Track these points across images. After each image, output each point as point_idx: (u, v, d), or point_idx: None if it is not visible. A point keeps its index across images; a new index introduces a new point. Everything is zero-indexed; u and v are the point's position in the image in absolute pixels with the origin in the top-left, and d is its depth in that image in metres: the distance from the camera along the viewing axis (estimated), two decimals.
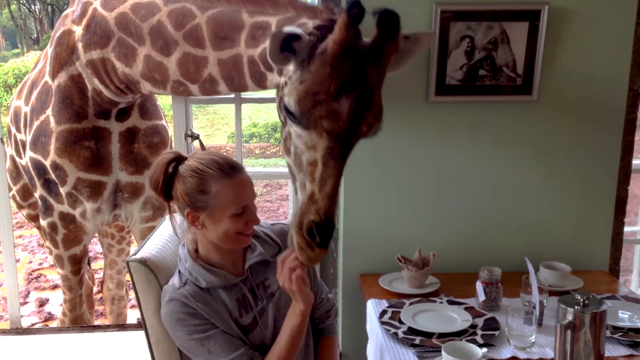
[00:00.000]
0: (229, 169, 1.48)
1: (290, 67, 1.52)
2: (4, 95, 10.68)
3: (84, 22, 2.16)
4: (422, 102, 2.20)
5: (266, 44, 1.68)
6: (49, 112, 2.34)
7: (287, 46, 1.46)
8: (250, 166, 7.99)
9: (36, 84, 2.49)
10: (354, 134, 1.48)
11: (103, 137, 2.35)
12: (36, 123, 2.40)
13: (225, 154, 1.61)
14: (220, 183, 1.47)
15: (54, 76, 2.29)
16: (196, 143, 2.46)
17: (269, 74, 1.78)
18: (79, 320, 2.75)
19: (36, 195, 2.55)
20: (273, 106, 1.72)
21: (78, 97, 2.27)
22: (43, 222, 2.54)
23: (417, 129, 2.24)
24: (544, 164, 2.28)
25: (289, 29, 1.48)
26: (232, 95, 2.41)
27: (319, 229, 1.46)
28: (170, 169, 1.51)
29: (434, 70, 2.16)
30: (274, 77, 1.74)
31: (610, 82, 2.22)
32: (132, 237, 3.17)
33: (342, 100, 1.44)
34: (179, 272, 1.58)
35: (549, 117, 2.24)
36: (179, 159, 1.52)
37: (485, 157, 2.27)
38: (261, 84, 1.83)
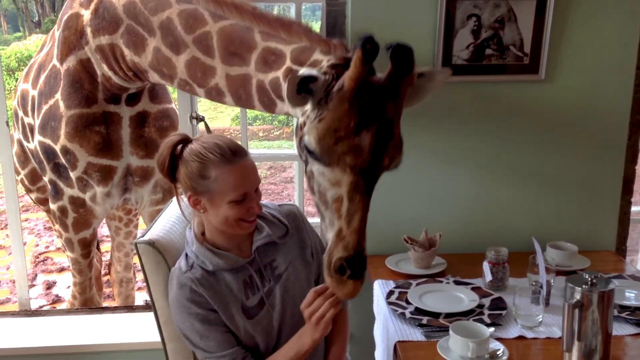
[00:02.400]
0: (230, 155, 1.47)
1: (308, 107, 1.52)
2: (7, 79, 10.65)
3: (92, 6, 2.12)
4: None
5: (278, 73, 1.69)
6: (58, 96, 2.33)
7: (303, 87, 1.46)
8: (254, 148, 7.99)
9: (44, 67, 2.47)
10: (378, 167, 1.49)
11: (113, 122, 2.34)
12: (45, 107, 2.39)
13: (229, 136, 1.59)
14: (221, 169, 1.46)
15: (62, 60, 2.28)
16: (201, 125, 2.46)
17: (279, 102, 1.75)
18: (88, 302, 2.77)
19: (45, 179, 2.55)
20: None
21: (88, 82, 2.25)
22: (53, 206, 2.55)
23: (423, 108, 2.22)
24: (551, 143, 2.27)
25: (305, 71, 1.47)
26: None
27: (349, 263, 1.45)
28: (177, 151, 1.51)
29: (440, 50, 2.14)
30: (284, 106, 1.72)
31: (618, 60, 2.21)
32: (140, 220, 3.18)
33: (363, 134, 1.44)
34: (186, 255, 1.58)
35: (556, 97, 2.23)
36: (185, 141, 1.52)
37: (491, 137, 2.26)
38: (269, 109, 1.81)
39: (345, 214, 1.46)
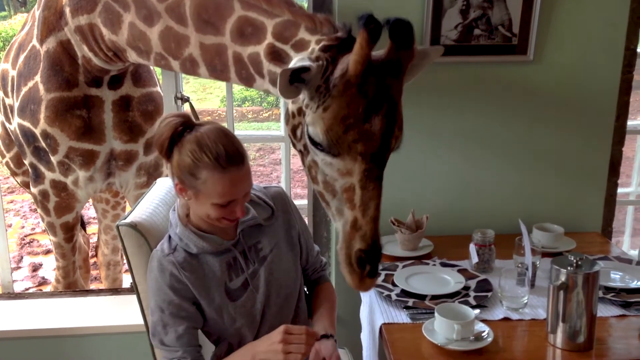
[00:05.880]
0: (225, 162, 1.41)
1: (303, 97, 1.46)
2: None
3: None
4: None
5: (258, 48, 1.62)
6: (37, 78, 2.28)
7: (295, 78, 1.41)
8: (243, 129, 7.93)
9: (23, 47, 2.41)
10: (387, 150, 1.46)
11: (95, 106, 2.29)
12: (24, 89, 2.34)
13: (218, 119, 1.55)
14: (212, 174, 1.41)
15: (42, 41, 2.22)
16: (187, 106, 2.42)
17: (258, 78, 1.69)
18: (72, 286, 2.74)
19: (26, 162, 2.51)
20: None
21: (68, 64, 2.20)
22: (34, 190, 2.50)
23: (410, 89, 2.20)
24: (538, 124, 2.26)
25: (297, 63, 1.42)
26: None
27: (368, 256, 1.44)
28: (177, 134, 1.45)
29: (428, 31, 2.12)
30: (264, 83, 1.67)
31: (607, 41, 2.19)
32: (127, 203, 3.15)
33: (373, 119, 1.41)
34: (169, 237, 1.56)
35: (544, 77, 2.21)
36: (186, 126, 1.46)
37: (479, 118, 2.25)
38: (247, 83, 1.75)
39: (359, 202, 1.43)
